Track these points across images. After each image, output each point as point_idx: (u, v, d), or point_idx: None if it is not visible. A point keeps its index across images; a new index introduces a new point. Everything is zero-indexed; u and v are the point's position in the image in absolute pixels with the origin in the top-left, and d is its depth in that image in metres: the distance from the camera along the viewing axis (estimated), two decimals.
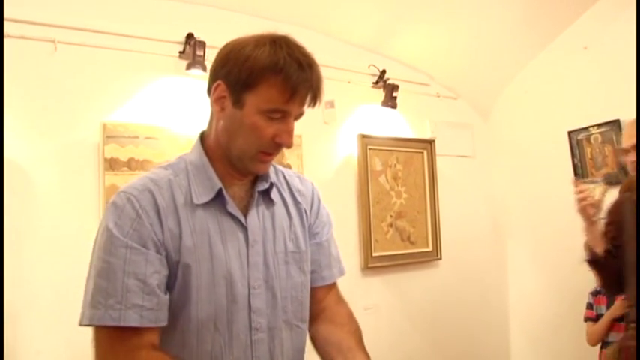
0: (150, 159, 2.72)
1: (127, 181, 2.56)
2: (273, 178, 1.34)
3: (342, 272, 1.48)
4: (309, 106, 1.21)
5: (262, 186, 1.30)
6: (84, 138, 2.61)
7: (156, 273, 1.12)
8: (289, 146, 1.20)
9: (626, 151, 2.23)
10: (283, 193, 1.37)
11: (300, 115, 1.21)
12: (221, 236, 1.20)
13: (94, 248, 1.17)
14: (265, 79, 1.13)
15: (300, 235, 1.35)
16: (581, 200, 2.19)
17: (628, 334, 2.15)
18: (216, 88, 1.20)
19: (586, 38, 3.51)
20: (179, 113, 2.87)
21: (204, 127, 2.86)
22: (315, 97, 1.20)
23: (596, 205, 2.17)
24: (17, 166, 2.44)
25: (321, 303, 1.41)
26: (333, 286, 1.46)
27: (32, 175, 2.48)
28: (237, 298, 1.20)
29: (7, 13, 2.44)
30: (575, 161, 3.59)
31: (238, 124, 1.18)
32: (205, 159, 1.25)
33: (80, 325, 1.14)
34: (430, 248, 3.82)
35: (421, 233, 3.79)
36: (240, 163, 1.23)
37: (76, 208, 2.56)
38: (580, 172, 3.56)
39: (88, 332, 2.52)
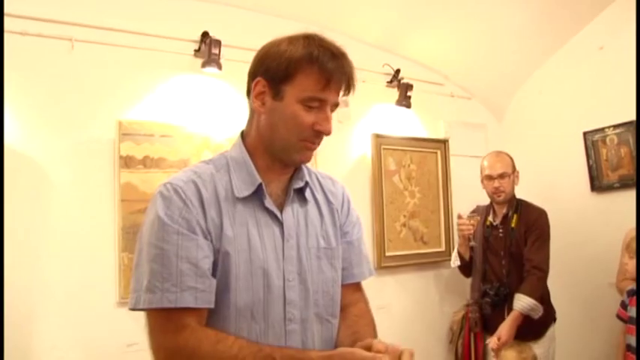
0: (165, 157, 2.73)
1: (142, 178, 2.62)
2: (307, 178, 1.40)
3: (371, 273, 1.52)
4: (344, 94, 1.29)
5: (298, 184, 1.36)
6: (100, 135, 2.63)
7: (206, 257, 1.19)
8: (328, 133, 1.27)
9: (490, 178, 3.20)
10: (316, 193, 1.42)
11: (335, 105, 1.28)
12: (258, 230, 1.27)
13: (141, 237, 1.22)
14: (302, 70, 1.22)
15: (332, 233, 1.41)
16: (461, 230, 3.24)
17: (471, 309, 3.28)
18: (256, 84, 1.28)
19: (602, 38, 3.49)
20: (194, 111, 2.88)
21: (219, 125, 2.88)
22: (349, 85, 1.28)
23: (471, 231, 3.21)
24: (34, 163, 2.47)
25: (348, 299, 1.44)
26: (359, 285, 1.50)
27: (48, 171, 2.50)
28: (272, 289, 1.25)
29: (25, 12, 2.48)
30: (591, 162, 3.57)
31: (279, 115, 1.25)
32: (246, 155, 1.31)
33: (134, 309, 1.19)
34: (443, 248, 3.81)
35: (434, 233, 3.79)
36: (285, 154, 1.29)
37: (92, 205, 2.58)
38: (595, 174, 3.54)
39: (102, 328, 2.54)
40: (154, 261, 1.17)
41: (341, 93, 1.28)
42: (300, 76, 1.22)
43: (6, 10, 2.40)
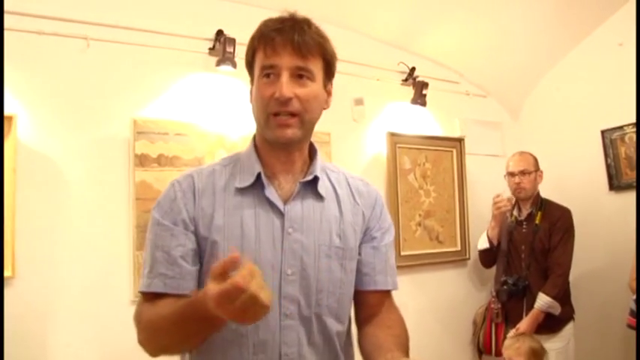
0: (179, 155, 2.73)
1: (156, 177, 2.62)
2: (331, 176, 1.38)
3: (394, 286, 1.44)
4: (307, 54, 1.22)
5: (306, 178, 1.31)
6: (115, 134, 2.63)
7: (180, 246, 1.24)
8: (281, 97, 1.19)
9: (512, 174, 3.34)
10: (339, 190, 1.37)
11: (298, 68, 1.22)
12: (255, 220, 1.26)
13: None
14: (256, 48, 1.25)
15: (350, 233, 1.34)
16: (498, 207, 3.34)
17: (493, 300, 3.37)
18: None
19: (621, 35, 3.44)
20: (209, 109, 2.88)
21: (233, 123, 2.88)
22: (300, 45, 1.21)
23: (508, 208, 3.36)
24: (49, 161, 2.47)
25: (373, 308, 1.39)
26: (388, 294, 1.44)
27: (64, 170, 2.51)
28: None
29: (40, 11, 2.49)
30: (609, 161, 3.52)
31: (253, 97, 1.29)
32: (252, 149, 1.33)
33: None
34: (459, 248, 3.78)
35: (450, 233, 3.76)
36: (265, 134, 1.28)
37: (107, 204, 2.59)
38: (614, 173, 3.49)
39: (116, 325, 2.55)
40: (144, 251, 1.29)
41: (298, 53, 1.21)
42: (255, 55, 1.26)
43: (22, 9, 2.43)
